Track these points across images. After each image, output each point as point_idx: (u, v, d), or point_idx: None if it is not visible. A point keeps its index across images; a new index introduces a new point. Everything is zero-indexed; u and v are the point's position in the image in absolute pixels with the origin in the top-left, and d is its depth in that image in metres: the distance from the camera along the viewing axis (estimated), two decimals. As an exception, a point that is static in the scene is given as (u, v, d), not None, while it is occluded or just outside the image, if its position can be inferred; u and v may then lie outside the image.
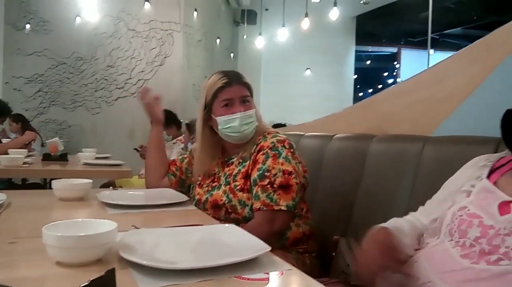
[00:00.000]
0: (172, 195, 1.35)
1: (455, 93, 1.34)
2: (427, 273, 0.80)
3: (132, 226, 0.89)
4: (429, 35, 4.79)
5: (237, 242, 0.82)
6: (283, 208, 1.22)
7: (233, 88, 1.34)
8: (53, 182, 1.29)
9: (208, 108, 1.38)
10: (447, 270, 0.77)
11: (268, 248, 0.75)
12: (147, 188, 1.54)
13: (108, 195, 1.28)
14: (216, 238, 0.85)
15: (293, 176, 1.26)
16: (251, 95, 1.39)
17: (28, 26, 5.14)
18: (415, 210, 1.00)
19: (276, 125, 3.54)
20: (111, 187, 1.47)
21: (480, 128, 1.18)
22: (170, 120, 3.86)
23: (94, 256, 0.70)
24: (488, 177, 0.87)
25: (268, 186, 1.24)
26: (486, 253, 0.74)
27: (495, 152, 1.00)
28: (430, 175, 1.21)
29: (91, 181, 1.35)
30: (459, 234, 0.80)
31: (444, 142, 1.27)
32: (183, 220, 1.12)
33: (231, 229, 0.91)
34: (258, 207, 1.23)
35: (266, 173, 1.26)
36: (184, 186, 1.54)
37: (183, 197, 1.31)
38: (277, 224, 1.23)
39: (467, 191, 0.87)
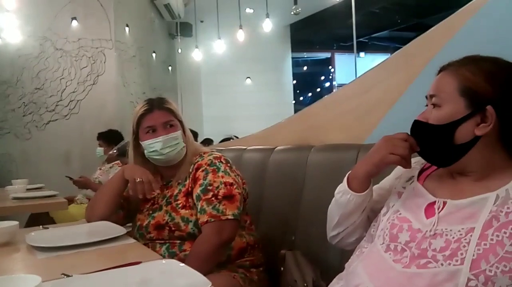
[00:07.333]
0: (108, 228, 1.27)
1: (382, 102, 1.40)
2: (363, 279, 0.82)
3: (62, 274, 0.82)
4: (354, 39, 5.08)
5: (177, 280, 0.78)
6: (230, 217, 1.26)
7: (155, 114, 1.38)
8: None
9: (136, 135, 1.42)
10: (382, 276, 0.80)
11: (209, 283, 0.73)
12: (87, 221, 1.43)
13: (37, 237, 1.18)
14: (154, 278, 0.81)
15: (234, 186, 1.32)
16: (177, 118, 1.41)
17: None
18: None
19: (224, 140, 3.48)
20: (41, 226, 1.36)
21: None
22: (113, 141, 3.41)
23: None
24: (418, 178, 0.91)
25: (213, 198, 1.28)
26: (416, 257, 0.77)
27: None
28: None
29: (17, 222, 1.23)
30: (389, 238, 0.83)
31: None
32: (121, 257, 1.06)
33: (170, 264, 0.87)
34: (205, 220, 1.25)
35: (208, 187, 1.30)
36: (133, 218, 1.46)
37: (120, 230, 1.24)
38: (226, 233, 1.25)
39: (398, 192, 0.92)
